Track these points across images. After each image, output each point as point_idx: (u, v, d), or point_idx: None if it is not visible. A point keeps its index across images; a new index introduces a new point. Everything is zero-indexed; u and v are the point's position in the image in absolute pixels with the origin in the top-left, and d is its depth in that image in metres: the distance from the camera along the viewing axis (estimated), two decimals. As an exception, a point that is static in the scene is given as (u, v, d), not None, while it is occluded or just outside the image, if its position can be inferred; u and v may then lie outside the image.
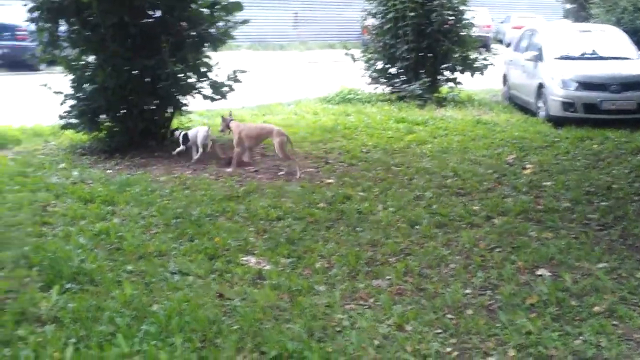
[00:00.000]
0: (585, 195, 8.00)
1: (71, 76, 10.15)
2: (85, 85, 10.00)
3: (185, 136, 9.58)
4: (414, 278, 5.66)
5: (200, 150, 9.48)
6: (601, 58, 13.89)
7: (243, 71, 10.58)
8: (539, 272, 5.74)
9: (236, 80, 10.53)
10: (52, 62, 10.63)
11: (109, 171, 9.02)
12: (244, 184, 8.44)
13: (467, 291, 5.40)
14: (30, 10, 9.75)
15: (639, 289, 5.42)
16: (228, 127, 9.35)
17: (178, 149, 9.57)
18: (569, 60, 13.65)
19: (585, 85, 12.70)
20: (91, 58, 10.22)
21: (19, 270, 5.63)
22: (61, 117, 10.24)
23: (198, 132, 9.56)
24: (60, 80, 10.20)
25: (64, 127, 10.24)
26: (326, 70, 24.08)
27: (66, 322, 4.76)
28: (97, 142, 10.29)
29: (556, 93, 12.83)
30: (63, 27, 10.09)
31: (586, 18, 28.09)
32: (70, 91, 10.19)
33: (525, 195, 8.01)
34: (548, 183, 8.52)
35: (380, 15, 16.33)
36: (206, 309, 4.98)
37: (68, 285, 5.36)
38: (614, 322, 4.85)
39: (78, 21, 9.76)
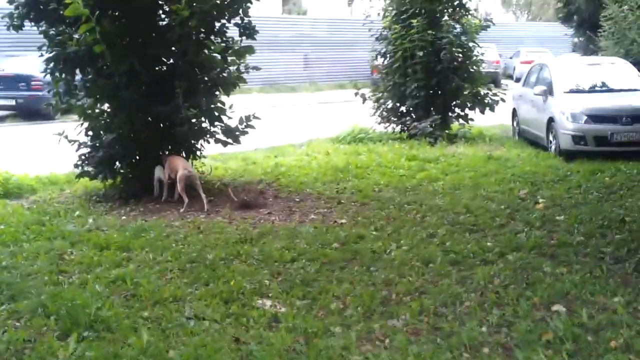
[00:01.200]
0: (598, 228, 7.98)
1: (86, 124, 10.30)
2: (102, 134, 10.14)
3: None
4: (429, 317, 5.66)
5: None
6: (611, 90, 13.95)
7: (257, 117, 10.66)
8: (554, 308, 5.72)
9: (249, 126, 10.62)
10: (66, 111, 10.78)
11: (123, 217, 9.10)
12: (258, 226, 8.48)
13: (483, 329, 5.39)
14: (47, 61, 9.93)
15: (655, 322, 5.40)
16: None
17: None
18: (579, 94, 13.70)
19: (596, 118, 12.73)
20: (106, 106, 10.37)
21: (37, 319, 5.67)
22: (76, 166, 10.37)
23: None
24: (74, 129, 10.35)
25: (80, 175, 10.35)
26: (337, 110, 24.22)
27: (84, 370, 4.79)
28: (112, 189, 10.38)
29: (566, 127, 12.87)
30: (78, 77, 10.26)
31: (595, 51, 28.17)
32: (85, 139, 10.33)
33: (539, 230, 8.01)
34: (561, 217, 8.52)
35: (389, 55, 16.49)
36: (223, 354, 5.00)
37: (85, 333, 5.38)
38: (631, 357, 4.82)
39: (93, 70, 9.93)
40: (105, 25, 9.15)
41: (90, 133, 10.32)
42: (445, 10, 16.30)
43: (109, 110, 10.30)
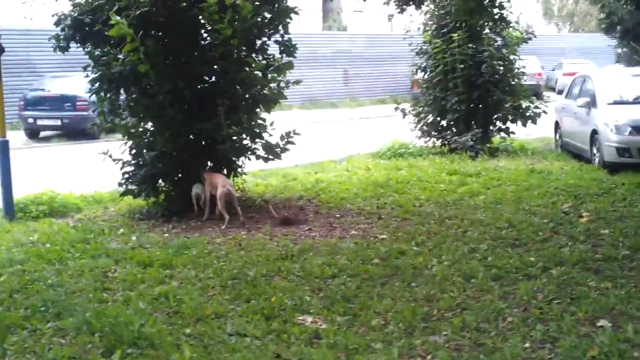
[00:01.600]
0: (644, 242, 7.85)
1: (130, 143, 10.47)
2: (145, 152, 10.28)
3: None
4: (471, 333, 5.61)
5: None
6: (655, 102, 13.75)
7: (297, 133, 10.72)
8: (599, 324, 5.63)
9: (290, 142, 10.68)
10: (111, 131, 10.97)
11: (166, 235, 9.19)
12: (298, 242, 8.51)
13: (526, 345, 5.32)
14: (92, 82, 10.12)
15: None
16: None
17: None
18: (623, 105, 13.54)
19: (640, 129, 12.55)
20: (149, 124, 10.52)
21: (81, 336, 5.76)
22: (120, 184, 10.52)
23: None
24: (118, 148, 10.52)
25: (124, 194, 10.51)
26: (377, 125, 24.22)
27: (128, 387, 4.84)
28: (155, 206, 10.51)
29: (610, 139, 12.70)
30: (122, 96, 10.43)
31: (639, 62, 27.77)
32: (129, 158, 10.50)
33: (583, 244, 7.89)
34: (605, 231, 8.39)
35: (429, 69, 16.46)
36: (264, 370, 5.02)
37: (129, 350, 5.44)
38: (679, 373, 4.74)
39: (136, 90, 10.10)
40: (148, 44, 9.32)
41: (133, 151, 10.48)
42: (486, 24, 16.22)
43: (152, 128, 10.45)
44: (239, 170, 11.04)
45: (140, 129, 10.45)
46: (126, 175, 10.49)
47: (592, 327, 5.59)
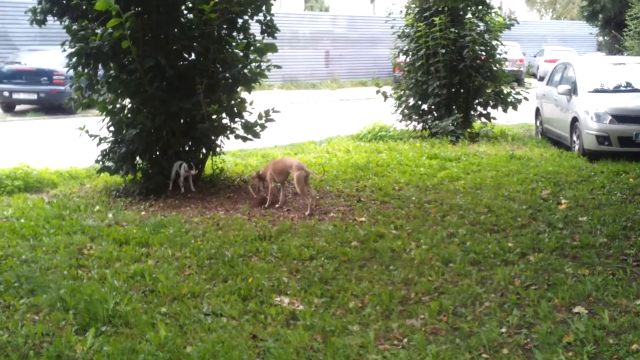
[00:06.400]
0: (622, 230, 7.89)
1: (107, 120, 10.34)
2: (122, 129, 10.16)
3: None
4: (448, 317, 5.61)
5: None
6: (636, 90, 13.77)
7: (276, 111, 10.65)
8: (575, 310, 5.66)
9: (269, 120, 10.61)
10: (88, 106, 10.82)
11: (143, 213, 9.11)
12: (277, 223, 8.47)
13: (503, 330, 5.34)
14: (69, 56, 9.96)
15: (679, 326, 5.31)
16: (260, 177, 9.60)
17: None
18: (603, 94, 13.56)
19: (620, 118, 12.57)
20: (127, 101, 10.39)
21: (55, 313, 5.70)
22: (97, 161, 10.40)
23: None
24: (96, 124, 10.39)
25: (101, 170, 10.38)
26: (358, 107, 24.20)
27: (101, 365, 4.80)
28: (132, 184, 10.40)
29: (590, 127, 12.73)
30: (100, 72, 10.28)
31: (620, 50, 27.94)
32: (106, 134, 10.37)
33: (561, 231, 7.93)
34: (584, 218, 8.43)
35: (411, 53, 16.40)
36: (240, 351, 4.99)
37: (103, 328, 5.42)
38: (654, 361, 4.76)
39: (115, 66, 9.95)
40: (129, 20, 9.17)
41: (111, 128, 10.35)
42: (469, 8, 16.17)
43: (130, 105, 10.32)
44: (218, 149, 10.95)
45: (118, 106, 10.32)
46: (103, 152, 10.36)
47: (568, 314, 5.61)
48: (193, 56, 10.41)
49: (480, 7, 16.15)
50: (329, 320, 5.52)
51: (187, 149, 10.47)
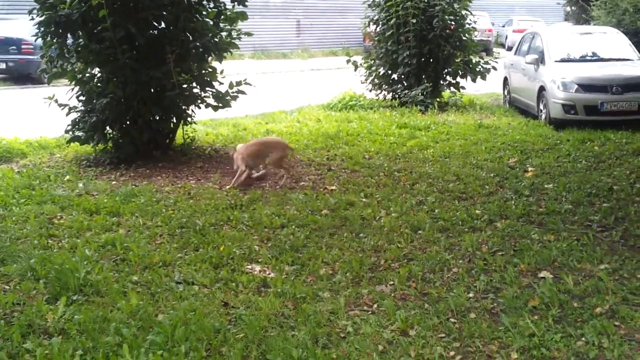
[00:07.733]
0: (586, 197, 8.05)
1: (77, 89, 10.24)
2: (92, 98, 10.07)
3: None
4: (417, 283, 5.71)
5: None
6: (602, 60, 13.98)
7: (248, 83, 10.59)
8: (541, 275, 5.79)
9: (240, 91, 10.57)
10: (60, 76, 10.68)
11: (114, 182, 9.09)
12: (248, 192, 8.49)
13: (470, 295, 5.45)
14: (38, 25, 9.81)
15: (640, 289, 5.47)
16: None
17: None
18: (570, 63, 13.71)
19: (586, 87, 12.73)
20: (96, 70, 10.29)
21: (26, 283, 5.70)
22: (67, 131, 10.32)
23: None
24: (65, 94, 10.29)
25: (71, 140, 10.30)
26: (329, 77, 24.16)
27: (73, 334, 4.82)
28: (102, 153, 10.34)
29: (557, 96, 12.87)
30: (69, 41, 10.15)
31: (587, 20, 28.14)
32: (76, 104, 10.28)
33: (527, 198, 8.06)
34: (550, 186, 8.57)
35: (381, 22, 16.39)
36: (211, 318, 5.04)
37: (74, 297, 5.43)
38: (616, 323, 4.89)
39: (84, 34, 9.82)
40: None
41: (81, 98, 10.25)
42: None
43: (100, 74, 10.22)
44: (189, 119, 10.91)
45: (88, 75, 10.22)
46: (73, 122, 10.27)
47: (534, 278, 5.73)
48: (163, 25, 10.32)
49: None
50: (299, 287, 5.59)
51: (157, 118, 10.41)
